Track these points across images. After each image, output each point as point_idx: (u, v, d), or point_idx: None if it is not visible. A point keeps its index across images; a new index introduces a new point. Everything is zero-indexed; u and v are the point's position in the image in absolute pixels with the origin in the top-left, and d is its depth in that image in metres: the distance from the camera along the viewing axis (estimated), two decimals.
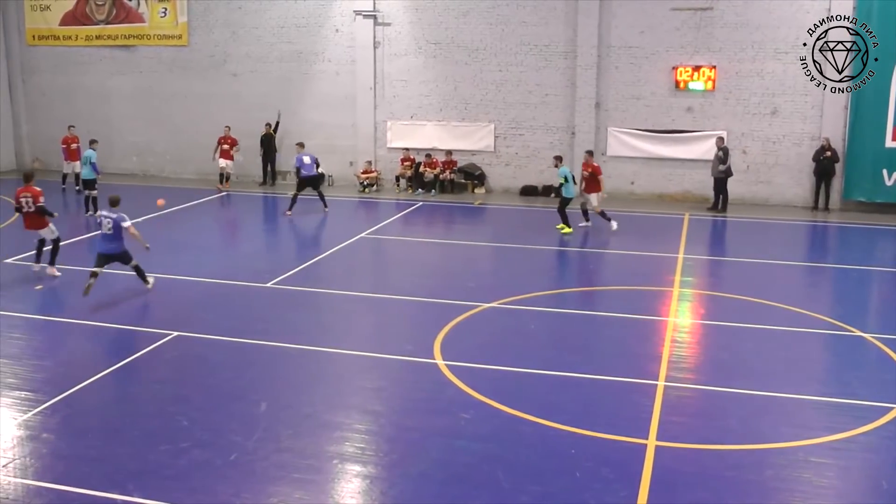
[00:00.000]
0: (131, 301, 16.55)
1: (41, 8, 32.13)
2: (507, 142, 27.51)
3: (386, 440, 10.72)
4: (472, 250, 20.92)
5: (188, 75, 30.37)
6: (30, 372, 13.05)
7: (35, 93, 32.94)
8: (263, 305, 16.32)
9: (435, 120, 28.04)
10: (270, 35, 29.18)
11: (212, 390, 12.28)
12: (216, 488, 9.46)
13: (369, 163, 28.12)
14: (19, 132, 33.01)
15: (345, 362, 13.36)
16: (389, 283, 17.73)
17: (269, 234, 23.60)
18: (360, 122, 28.66)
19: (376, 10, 27.87)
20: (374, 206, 26.31)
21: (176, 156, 30.94)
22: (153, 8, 30.57)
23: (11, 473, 9.95)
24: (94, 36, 31.55)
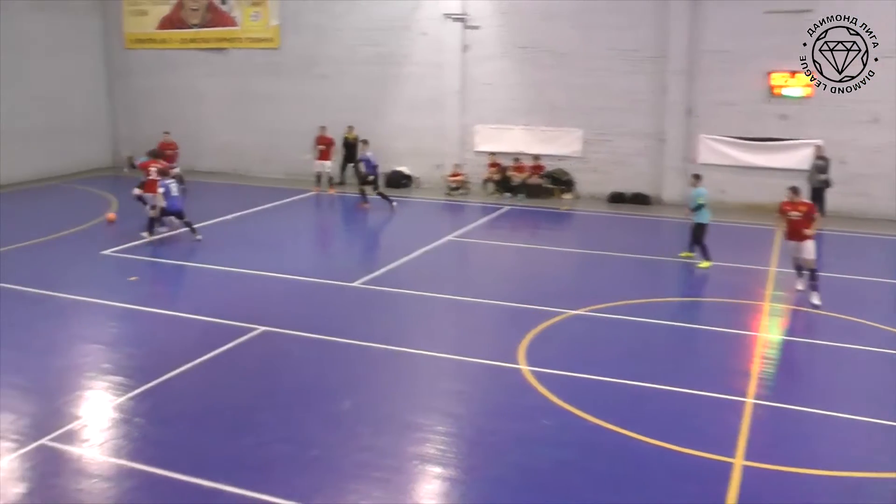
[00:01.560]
0: (220, 295, 16.88)
1: (139, 13, 33.03)
2: (594, 147, 27.30)
3: (466, 443, 10.75)
4: (558, 256, 20.81)
5: (278, 77, 30.81)
6: (123, 359, 13.51)
7: (131, 94, 33.81)
8: (349, 304, 16.50)
9: (522, 124, 27.97)
10: (358, 37, 29.43)
11: (296, 386, 12.48)
12: (296, 483, 9.62)
13: (457, 166, 28.18)
14: (116, 132, 33.91)
15: (428, 364, 13.44)
16: (475, 287, 17.73)
17: (357, 234, 23.83)
18: (446, 125, 28.72)
19: (465, 13, 27.93)
20: (460, 210, 26.38)
21: (265, 155, 31.41)
22: (245, 12, 31.12)
23: (105, 453, 10.38)
24: (189, 39, 32.29)
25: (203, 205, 25.97)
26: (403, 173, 29.15)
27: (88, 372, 13.03)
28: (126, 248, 20.32)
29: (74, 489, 9.56)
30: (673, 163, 26.22)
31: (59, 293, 16.80)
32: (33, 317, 15.64)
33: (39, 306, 16.22)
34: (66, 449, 10.49)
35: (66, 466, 10.16)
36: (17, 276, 17.72)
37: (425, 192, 28.23)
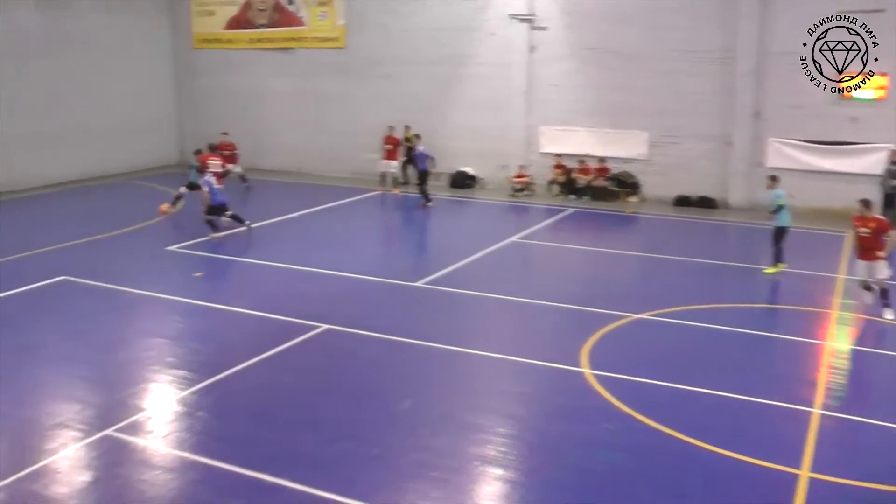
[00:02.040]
0: (284, 292, 17.00)
1: (207, 14, 33.47)
2: (660, 150, 26.99)
3: (526, 445, 10.70)
4: (622, 259, 20.62)
5: (344, 77, 30.96)
6: (187, 353, 13.69)
7: (198, 93, 34.25)
8: (412, 304, 16.53)
9: (587, 126, 27.76)
10: (425, 37, 29.44)
11: (358, 384, 12.52)
12: (357, 480, 9.65)
13: (522, 167, 28.08)
14: (183, 130, 34.36)
15: (489, 365, 13.39)
16: (538, 289, 17.63)
17: (421, 234, 23.86)
18: (512, 126, 28.61)
19: (532, 14, 27.83)
20: (525, 211, 26.27)
21: (330, 155, 31.57)
22: (312, 12, 31.34)
23: (169, 445, 10.54)
24: (256, 39, 32.59)
25: (268, 203, 26.32)
26: (468, 174, 29.11)
27: (153, 365, 13.22)
28: (191, 244, 20.59)
29: (138, 479, 9.71)
30: (740, 166, 25.82)
31: (125, 287, 17.07)
32: (99, 310, 15.92)
33: (106, 300, 16.51)
34: (131, 440, 10.66)
35: (130, 457, 10.31)
36: (84, 270, 18.06)
37: (490, 193, 28.18)
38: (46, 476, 9.77)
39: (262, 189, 28.98)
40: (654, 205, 26.54)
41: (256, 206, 25.65)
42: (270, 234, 22.13)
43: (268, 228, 22.63)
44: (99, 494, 9.44)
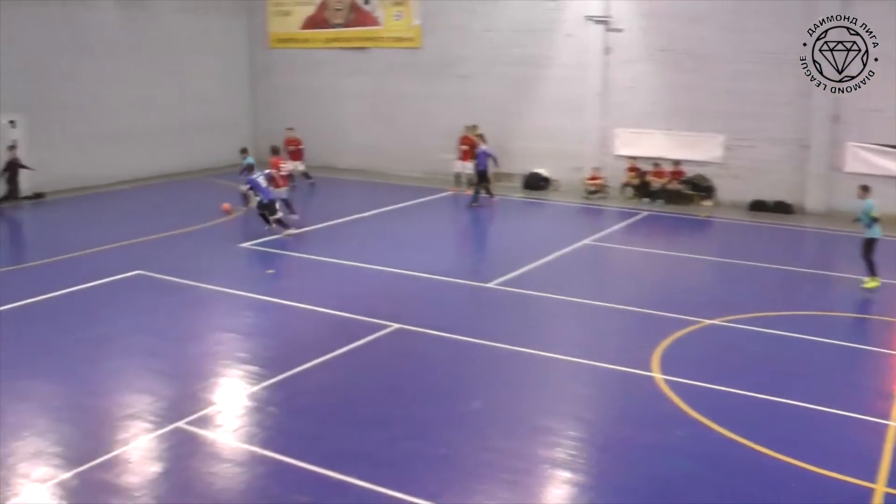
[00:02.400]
0: (356, 291, 17.07)
1: (283, 13, 33.80)
2: (735, 153, 26.52)
3: (596, 449, 10.58)
4: (695, 264, 20.32)
5: (419, 77, 31.01)
6: (258, 349, 13.82)
7: (273, 92, 34.59)
8: (483, 305, 16.48)
9: (662, 129, 27.43)
10: (501, 38, 29.37)
11: (427, 384, 12.52)
12: (424, 479, 9.62)
13: (596, 169, 27.83)
14: (257, 128, 34.71)
15: (560, 368, 13.27)
16: (610, 292, 17.44)
17: (493, 236, 23.73)
18: (587, 128, 28.37)
19: (608, 15, 27.57)
20: (598, 213, 26.05)
21: (403, 154, 31.64)
22: (388, 12, 31.45)
23: (238, 439, 10.64)
24: (332, 39, 32.82)
25: (341, 202, 26.50)
26: (542, 175, 28.95)
27: (224, 360, 13.36)
28: (264, 241, 20.77)
29: (207, 472, 9.80)
30: (817, 170, 25.27)
31: (198, 283, 17.29)
32: (173, 305, 16.15)
33: (179, 295, 16.74)
34: (201, 433, 10.77)
35: (200, 449, 10.43)
36: (159, 265, 18.34)
37: (563, 195, 27.98)
38: (118, 465, 9.92)
39: (337, 188, 29.23)
40: (729, 209, 26.09)
41: (329, 205, 25.89)
42: (343, 232, 22.25)
43: (340, 227, 22.77)
44: (169, 485, 9.54)
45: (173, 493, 9.36)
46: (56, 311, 15.85)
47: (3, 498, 9.24)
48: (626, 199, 27.27)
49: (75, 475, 9.68)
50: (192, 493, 9.34)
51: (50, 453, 10.22)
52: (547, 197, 28.02)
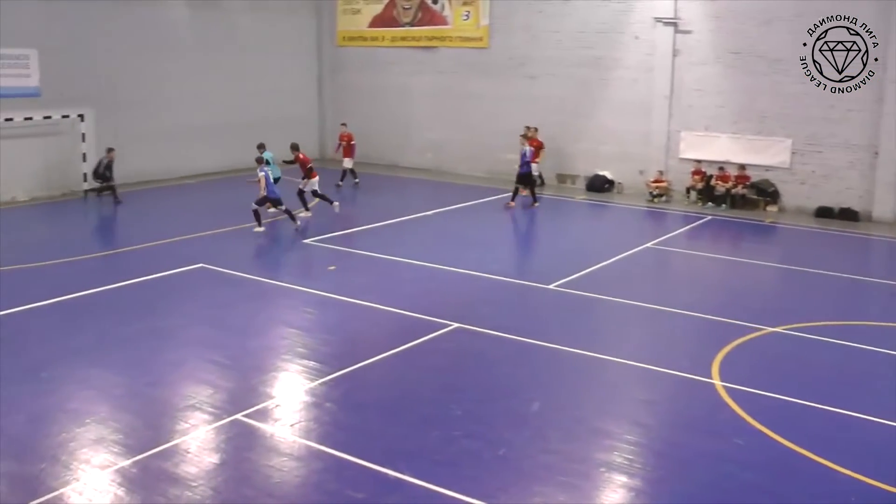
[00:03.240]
0: (416, 289, 17.09)
1: (352, 12, 34.02)
2: (803, 158, 26.03)
3: (654, 455, 10.44)
4: (759, 270, 19.99)
5: (486, 77, 30.97)
6: (318, 345, 13.87)
7: (340, 90, 34.83)
8: (544, 306, 16.40)
9: (729, 132, 27.02)
10: (569, 39, 29.20)
11: (486, 384, 12.46)
12: (482, 480, 9.56)
13: (661, 172, 27.55)
14: (324, 126, 35.00)
15: (619, 371, 13.15)
16: (671, 296, 17.21)
17: (556, 237, 23.54)
18: (652, 130, 28.10)
19: (677, 17, 27.26)
20: (661, 217, 25.79)
21: (469, 154, 31.63)
22: (457, 11, 31.45)
23: (296, 434, 10.69)
24: (400, 38, 32.94)
25: (404, 200, 26.59)
26: (606, 178, 28.72)
27: (284, 354, 13.45)
28: (328, 237, 20.93)
29: (265, 465, 9.85)
30: (886, 178, 24.67)
31: (260, 277, 17.46)
32: (235, 298, 16.30)
33: (241, 288, 16.91)
34: (259, 426, 10.84)
35: (258, 442, 10.50)
36: (222, 259, 18.54)
37: (626, 198, 27.76)
38: (177, 455, 10.03)
39: (401, 187, 29.36)
40: (794, 215, 25.64)
41: (393, 203, 25.95)
42: (406, 231, 22.32)
43: (403, 225, 22.83)
44: (226, 476, 9.62)
45: (230, 485, 9.43)
46: (120, 302, 16.12)
47: (64, 482, 9.40)
48: (689, 203, 26.96)
49: (134, 463, 9.82)
50: (248, 486, 9.40)
51: (110, 440, 10.37)
52: (610, 199, 27.83)
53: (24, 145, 24.31)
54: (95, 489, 9.28)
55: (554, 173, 29.56)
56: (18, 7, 24.78)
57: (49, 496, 9.12)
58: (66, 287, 16.60)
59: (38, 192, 23.10)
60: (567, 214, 25.56)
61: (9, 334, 14.17)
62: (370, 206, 25.75)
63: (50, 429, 10.75)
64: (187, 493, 9.16)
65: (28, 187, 23.29)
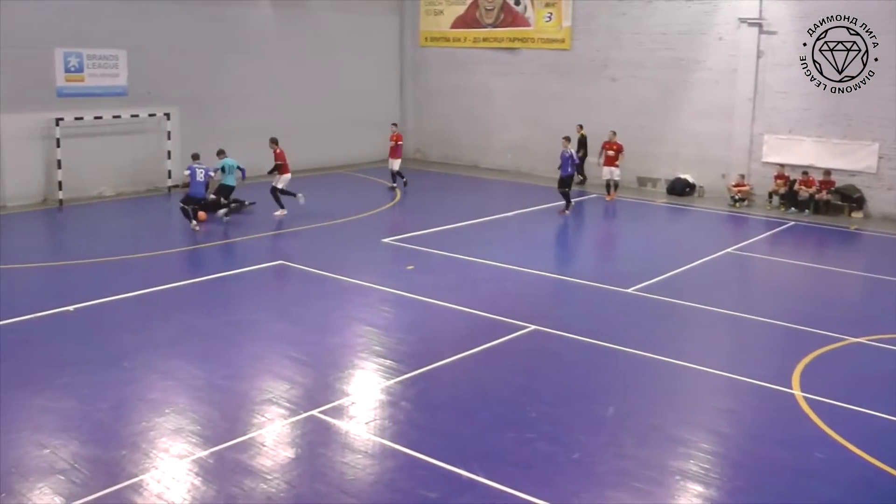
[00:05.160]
0: (494, 290, 17.08)
1: (435, 12, 34.17)
2: (891, 163, 25.32)
3: (731, 465, 10.26)
4: (842, 279, 19.55)
5: (568, 78, 30.83)
6: (395, 343, 13.92)
7: (421, 90, 35.05)
8: (622, 310, 16.26)
9: (814, 136, 26.43)
10: (652, 41, 28.91)
11: (562, 387, 12.40)
12: (556, 483, 9.53)
13: (742, 176, 27.12)
14: (406, 125, 35.13)
15: (697, 378, 12.96)
16: (751, 303, 16.95)
17: (635, 241, 23.26)
18: (735, 133, 27.66)
19: (762, 17, 26.77)
20: (743, 222, 25.37)
21: (549, 156, 31.37)
22: (539, 13, 31.36)
23: (371, 431, 10.77)
24: (482, 38, 32.97)
25: (484, 201, 26.61)
26: (687, 181, 28.38)
27: (360, 352, 13.54)
28: (406, 237, 21.03)
29: (339, 461, 9.94)
30: None
31: (338, 275, 17.60)
32: (314, 295, 16.49)
33: (320, 286, 17.09)
34: (334, 423, 10.94)
35: (333, 439, 10.59)
36: (301, 256, 18.78)
37: (707, 202, 27.39)
38: (253, 448, 10.17)
39: (481, 187, 29.39)
40: (881, 222, 24.99)
41: (472, 204, 25.97)
42: (484, 231, 22.32)
43: (482, 226, 22.85)
44: (300, 471, 9.72)
45: (304, 480, 9.53)
46: (202, 295, 16.47)
47: (143, 469, 9.63)
48: (772, 208, 26.50)
49: (211, 454, 10.00)
50: (322, 481, 9.49)
51: (189, 431, 10.57)
52: (691, 203, 27.48)
53: (111, 142, 24.91)
54: (173, 478, 9.48)
55: (634, 176, 29.28)
56: (108, 9, 25.54)
57: (129, 482, 9.36)
58: (151, 280, 16.98)
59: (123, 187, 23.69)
60: (647, 218, 25.31)
61: (95, 324, 14.59)
62: (449, 206, 25.80)
63: (131, 417, 11.03)
64: (262, 486, 9.28)
65: (114, 183, 23.85)
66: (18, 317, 14.64)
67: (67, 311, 14.99)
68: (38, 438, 10.38)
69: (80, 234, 21.24)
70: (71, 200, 24.29)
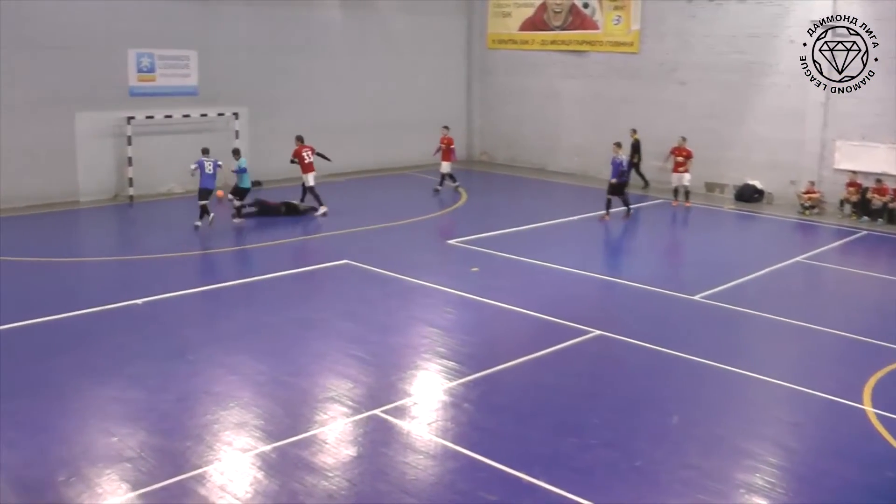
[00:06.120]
0: (558, 294, 16.98)
1: (503, 15, 34.10)
2: None
3: (798, 480, 10.05)
4: None
5: (636, 82, 30.54)
6: (457, 345, 13.92)
7: (489, 92, 34.97)
8: (688, 318, 16.06)
9: (888, 142, 25.81)
10: (722, 44, 28.47)
11: (626, 393, 12.28)
12: (618, 491, 9.45)
13: (812, 183, 26.61)
14: (472, 126, 35.25)
15: (763, 389, 12.71)
16: (821, 314, 16.57)
17: (702, 247, 22.90)
18: (806, 139, 27.11)
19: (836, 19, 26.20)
20: (813, 230, 24.89)
21: None
22: (607, 16, 31.13)
23: (433, 432, 10.78)
24: (549, 41, 32.82)
25: (549, 205, 26.54)
26: (756, 187, 27.92)
27: (423, 353, 13.55)
28: (471, 239, 20.98)
29: (401, 461, 9.95)
30: None
31: (403, 275, 17.63)
32: (377, 295, 16.55)
33: (384, 286, 17.14)
34: (397, 422, 10.96)
35: (395, 439, 10.61)
36: (366, 256, 18.83)
37: (776, 209, 26.92)
38: (315, 444, 10.25)
39: (546, 190, 29.31)
40: None
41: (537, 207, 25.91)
42: (550, 235, 22.21)
43: (547, 230, 22.74)
44: (362, 469, 9.76)
45: (365, 478, 9.56)
46: (267, 292, 16.60)
47: (207, 461, 9.78)
48: (843, 217, 25.93)
49: (274, 449, 10.10)
50: (383, 480, 9.50)
51: (252, 425, 10.69)
52: (759, 210, 27.03)
53: (180, 141, 25.24)
54: (236, 471, 9.60)
55: (702, 181, 28.88)
56: (180, 11, 26.06)
57: (193, 473, 9.52)
58: (217, 276, 17.24)
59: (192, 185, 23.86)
60: (714, 224, 24.98)
61: (162, 317, 14.83)
62: (515, 208, 25.75)
63: (196, 409, 11.21)
64: (323, 483, 9.33)
65: (183, 180, 24.16)
66: (89, 308, 14.95)
67: (136, 304, 15.26)
68: (107, 426, 10.64)
69: (150, 230, 21.56)
70: (141, 197, 24.69)
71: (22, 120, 23.14)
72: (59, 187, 24.09)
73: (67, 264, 18.42)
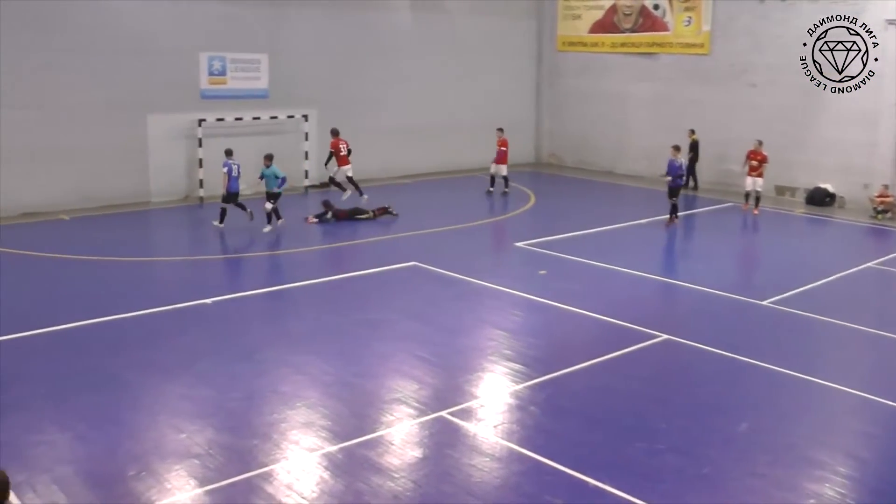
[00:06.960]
0: (625, 298, 16.87)
1: (573, 17, 33.97)
2: None
3: (870, 492, 9.82)
4: None
5: (706, 84, 30.18)
6: (524, 348, 13.89)
7: (558, 94, 34.87)
8: (757, 323, 15.82)
9: None
10: (794, 45, 28.03)
11: (694, 399, 12.17)
12: (685, 497, 9.37)
13: (886, 187, 26.05)
14: (541, 128, 35.20)
15: (835, 398, 12.48)
16: (893, 321, 16.16)
17: (772, 252, 22.59)
18: (879, 141, 26.55)
19: None
20: (885, 235, 24.36)
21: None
22: (678, 17, 30.84)
23: (499, 435, 10.77)
24: (619, 43, 32.62)
25: (618, 208, 26.40)
26: (827, 191, 27.44)
27: (490, 355, 13.54)
28: (540, 241, 20.94)
29: (466, 463, 9.96)
30: None
31: (470, 278, 17.64)
32: (444, 297, 16.59)
33: (451, 288, 17.17)
34: (462, 424, 10.97)
35: (461, 440, 10.62)
36: (434, 258, 18.88)
37: (848, 213, 26.42)
38: (381, 446, 10.30)
39: (615, 193, 29.15)
40: None
41: (606, 210, 25.74)
42: (617, 238, 22.06)
43: (615, 233, 22.59)
44: (427, 471, 9.79)
45: (431, 480, 9.59)
46: (334, 293, 16.78)
47: (274, 459, 9.90)
48: None
49: (340, 449, 10.17)
50: (448, 482, 9.52)
51: (319, 425, 10.78)
52: (831, 214, 26.56)
53: (250, 142, 25.53)
54: (303, 470, 9.69)
55: (773, 185, 28.44)
56: (251, 15, 26.46)
57: (260, 470, 9.64)
58: (284, 276, 17.45)
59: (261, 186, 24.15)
60: (785, 228, 24.60)
61: (231, 317, 15.02)
62: (583, 211, 25.66)
63: (263, 408, 11.33)
64: (389, 484, 9.37)
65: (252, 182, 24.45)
66: (160, 307, 15.21)
67: (205, 304, 15.49)
68: (176, 423, 10.82)
69: (219, 231, 21.85)
70: (211, 198, 25.00)
71: (96, 122, 23.68)
72: (132, 188, 24.55)
73: (139, 264, 18.78)
